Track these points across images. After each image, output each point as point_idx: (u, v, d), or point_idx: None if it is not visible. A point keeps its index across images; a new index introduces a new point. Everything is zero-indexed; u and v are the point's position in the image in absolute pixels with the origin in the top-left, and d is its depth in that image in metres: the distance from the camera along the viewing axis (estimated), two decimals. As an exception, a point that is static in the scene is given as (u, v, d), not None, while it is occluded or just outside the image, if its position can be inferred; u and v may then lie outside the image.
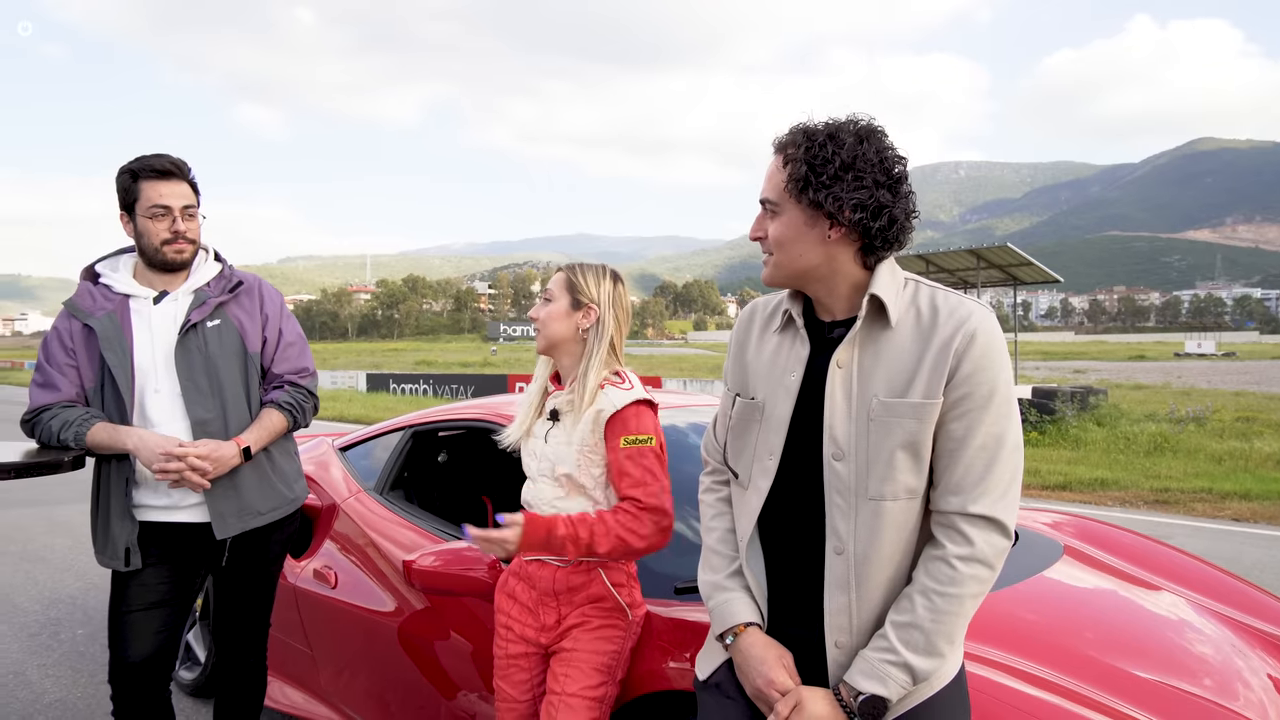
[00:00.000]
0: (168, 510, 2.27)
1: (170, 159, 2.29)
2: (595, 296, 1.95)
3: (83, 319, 2.26)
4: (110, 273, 2.35)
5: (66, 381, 2.25)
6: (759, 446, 1.48)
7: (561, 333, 1.95)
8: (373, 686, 2.78)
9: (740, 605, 1.49)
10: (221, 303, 2.35)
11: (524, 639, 1.95)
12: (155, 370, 2.26)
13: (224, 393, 2.30)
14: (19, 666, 3.93)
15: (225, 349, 2.32)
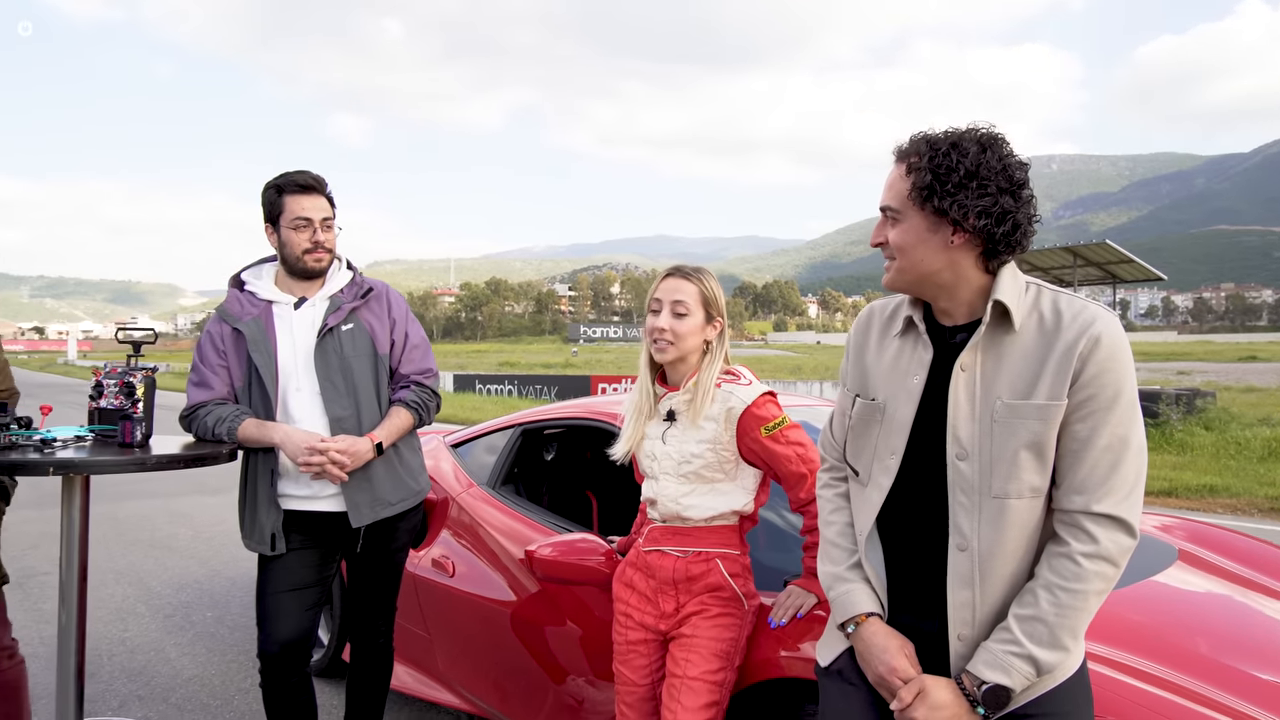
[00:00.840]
0: (308, 500, 2.45)
1: (311, 175, 2.46)
2: (722, 308, 2.03)
3: (232, 323, 2.45)
4: (254, 280, 2.55)
5: (219, 381, 2.45)
6: (880, 446, 1.54)
7: (696, 345, 2.02)
8: (487, 670, 2.93)
9: (861, 596, 1.55)
10: (354, 308, 2.52)
11: (643, 626, 2.05)
12: (296, 371, 2.44)
13: (357, 392, 2.47)
14: (158, 645, 4.25)
15: (358, 351, 2.49)
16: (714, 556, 2.00)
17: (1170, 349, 74.42)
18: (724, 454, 1.98)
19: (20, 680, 2.60)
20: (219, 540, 6.64)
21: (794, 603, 1.97)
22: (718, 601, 1.98)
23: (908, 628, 1.51)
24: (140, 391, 2.29)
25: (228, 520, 7.40)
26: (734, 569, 2.00)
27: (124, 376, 2.30)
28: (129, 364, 2.33)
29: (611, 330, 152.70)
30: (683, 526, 2.02)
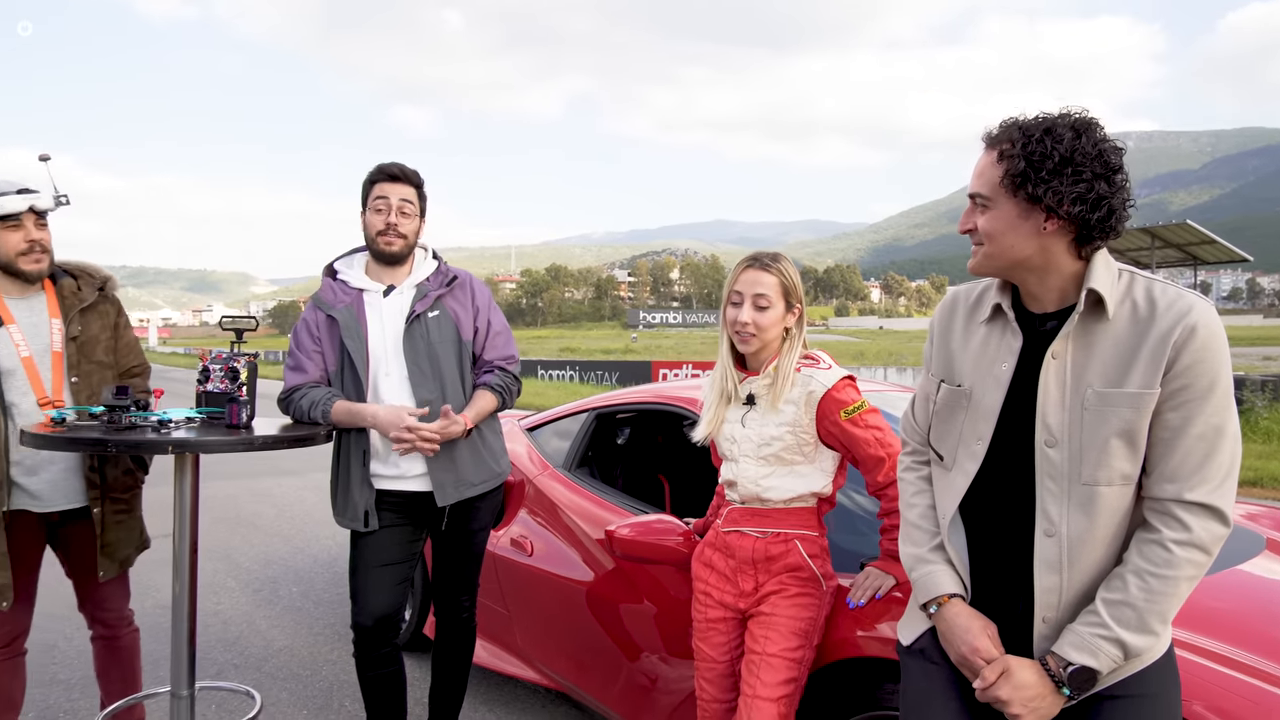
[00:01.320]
0: (397, 480, 2.56)
1: (402, 166, 2.58)
2: (800, 295, 2.07)
3: (326, 310, 2.57)
4: (346, 269, 2.66)
5: (313, 365, 2.57)
6: (966, 431, 1.55)
7: (777, 334, 2.06)
8: (564, 646, 3.03)
9: (944, 577, 1.57)
10: (440, 296, 2.61)
11: (722, 604, 2.10)
12: (386, 356, 2.54)
13: (443, 376, 2.56)
14: (249, 617, 4.47)
15: (444, 337, 2.58)
16: (793, 538, 2.04)
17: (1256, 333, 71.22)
18: (803, 437, 2.02)
19: (135, 646, 2.79)
20: (299, 519, 6.92)
21: (872, 584, 2.00)
22: (796, 581, 2.02)
23: (990, 610, 1.53)
24: (244, 376, 2.42)
25: (307, 500, 7.70)
26: (812, 550, 2.05)
27: (229, 362, 2.43)
28: (232, 351, 2.47)
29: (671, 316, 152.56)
30: (761, 508, 2.07)
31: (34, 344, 2.48)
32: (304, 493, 8.05)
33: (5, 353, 2.45)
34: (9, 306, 2.49)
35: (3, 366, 2.44)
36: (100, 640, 2.74)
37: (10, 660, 2.56)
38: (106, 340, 2.61)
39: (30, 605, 2.60)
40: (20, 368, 2.45)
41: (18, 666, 2.60)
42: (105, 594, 2.67)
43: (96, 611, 2.70)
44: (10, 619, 2.52)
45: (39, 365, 2.47)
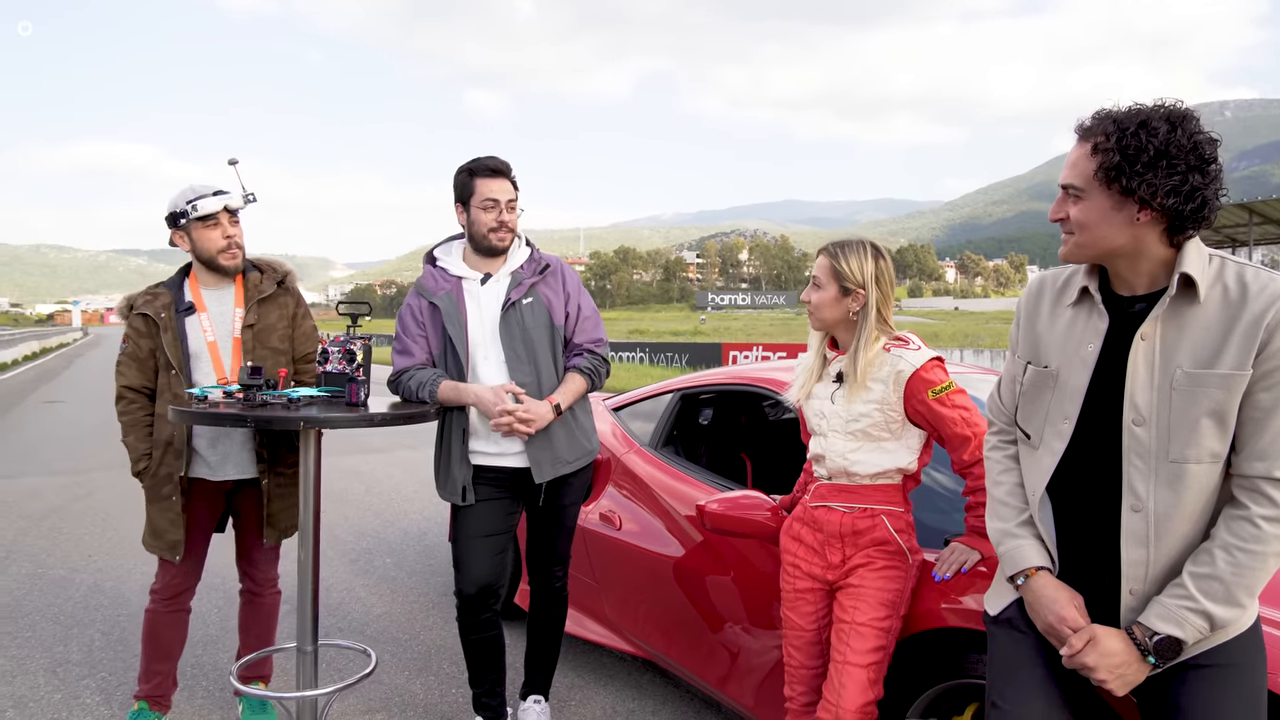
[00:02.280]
0: (497, 456, 2.71)
1: (499, 160, 2.71)
2: (861, 279, 2.13)
3: (428, 297, 2.73)
4: (445, 257, 2.82)
5: (419, 349, 2.74)
6: (1053, 411, 1.62)
7: (834, 316, 2.17)
8: (651, 616, 3.16)
9: (1031, 550, 1.64)
10: (534, 283, 2.75)
11: (810, 576, 2.20)
12: (484, 341, 2.70)
13: (537, 360, 2.70)
14: (349, 585, 4.74)
15: (537, 322, 2.72)
16: (879, 513, 2.12)
17: (1362, 313, 66.66)
18: (891, 414, 2.11)
19: (275, 606, 3.06)
20: (387, 494, 7.23)
21: (958, 558, 2.08)
22: (883, 554, 2.11)
23: (1077, 582, 1.60)
24: (360, 358, 2.60)
25: (394, 476, 8.03)
26: (898, 525, 2.13)
27: (345, 345, 2.62)
28: (349, 334, 2.66)
29: (739, 297, 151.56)
30: (849, 484, 2.15)
31: (219, 330, 2.76)
32: (390, 469, 8.39)
33: (195, 337, 2.74)
34: (203, 296, 2.78)
35: (192, 349, 2.73)
36: (246, 595, 3.01)
37: (174, 614, 2.85)
38: (283, 329, 2.86)
39: (198, 566, 2.89)
40: (206, 351, 2.74)
41: (180, 621, 2.88)
42: (259, 557, 2.95)
43: (249, 569, 2.98)
44: (179, 576, 2.81)
45: (221, 349, 2.75)
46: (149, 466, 2.76)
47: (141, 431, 2.77)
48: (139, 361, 2.76)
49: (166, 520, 2.74)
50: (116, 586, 4.63)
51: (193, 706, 3.19)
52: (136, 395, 2.78)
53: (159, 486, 2.74)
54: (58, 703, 3.22)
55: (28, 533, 5.82)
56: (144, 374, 2.77)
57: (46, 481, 7.71)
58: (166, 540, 2.75)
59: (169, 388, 2.72)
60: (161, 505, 2.74)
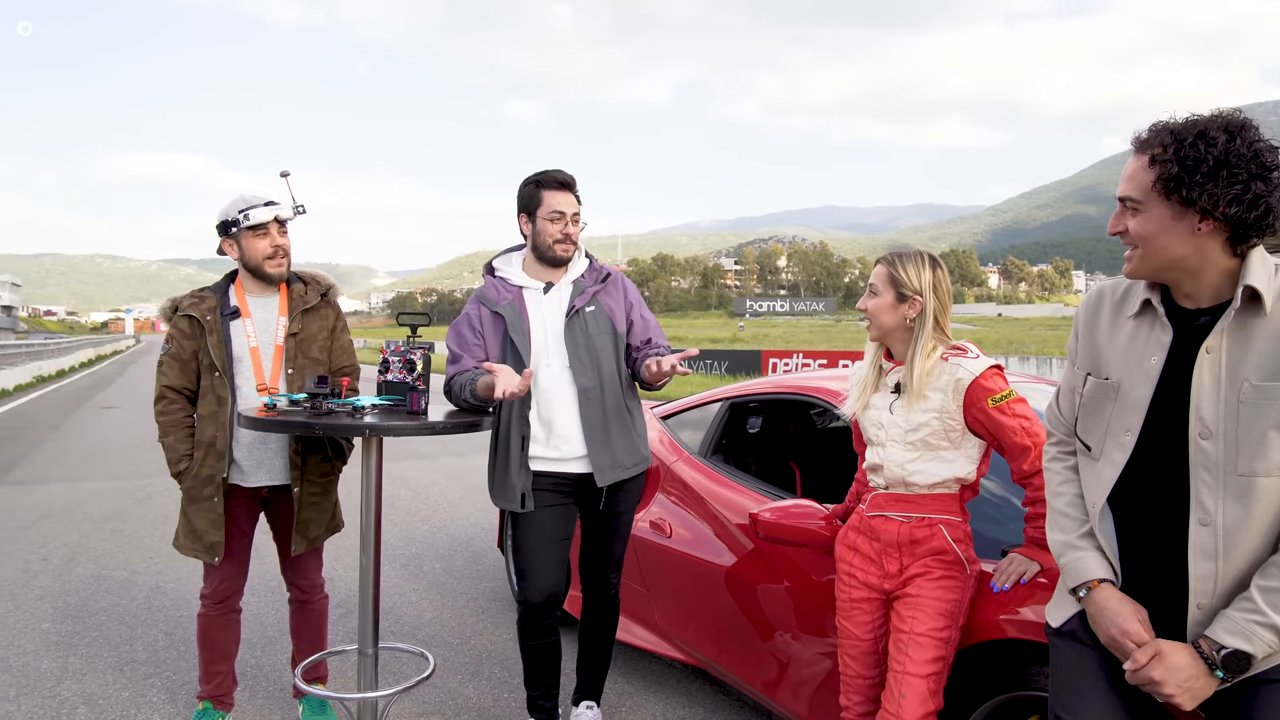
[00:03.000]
0: (557, 462, 2.74)
1: (566, 174, 2.77)
2: (918, 287, 2.15)
3: (491, 307, 2.78)
4: (505, 267, 2.87)
5: (470, 359, 2.77)
6: (1114, 423, 1.61)
7: (890, 324, 2.19)
8: (701, 623, 3.18)
9: (1093, 562, 1.64)
10: (596, 292, 2.80)
11: (866, 585, 2.21)
12: (548, 348, 2.74)
13: (600, 365, 2.74)
14: (400, 589, 4.83)
15: (600, 330, 2.77)
16: (937, 522, 2.13)
17: None
18: (950, 423, 2.11)
19: (324, 610, 3.12)
20: (434, 500, 7.34)
21: (1016, 569, 2.07)
22: (941, 564, 2.11)
23: (1141, 595, 1.59)
24: (420, 367, 2.66)
25: (440, 483, 8.14)
26: (956, 534, 2.13)
27: (406, 354, 2.68)
28: (408, 343, 2.72)
29: (778, 304, 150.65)
30: (906, 493, 2.16)
31: (262, 336, 2.84)
32: (436, 476, 8.51)
33: (238, 341, 2.82)
34: (249, 302, 2.86)
35: (235, 353, 2.81)
36: (295, 603, 3.08)
37: (226, 615, 2.93)
38: (323, 340, 2.93)
39: (243, 569, 2.96)
40: (248, 355, 2.81)
41: (232, 622, 2.96)
42: (300, 563, 3.01)
43: (293, 577, 3.04)
44: (226, 579, 2.88)
45: (263, 355, 2.83)
46: (189, 467, 2.80)
47: (181, 432, 2.82)
48: (181, 362, 2.82)
49: (207, 521, 2.78)
50: (177, 588, 4.76)
51: (254, 706, 3.28)
52: (177, 396, 2.84)
53: (200, 487, 2.79)
54: (125, 700, 3.33)
55: (91, 535, 6.01)
56: (185, 375, 2.83)
57: (106, 485, 7.96)
58: (206, 542, 2.79)
59: (212, 389, 2.79)
60: (203, 506, 2.78)
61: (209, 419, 2.78)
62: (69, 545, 5.71)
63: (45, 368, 26.27)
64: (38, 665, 3.66)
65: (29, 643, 3.93)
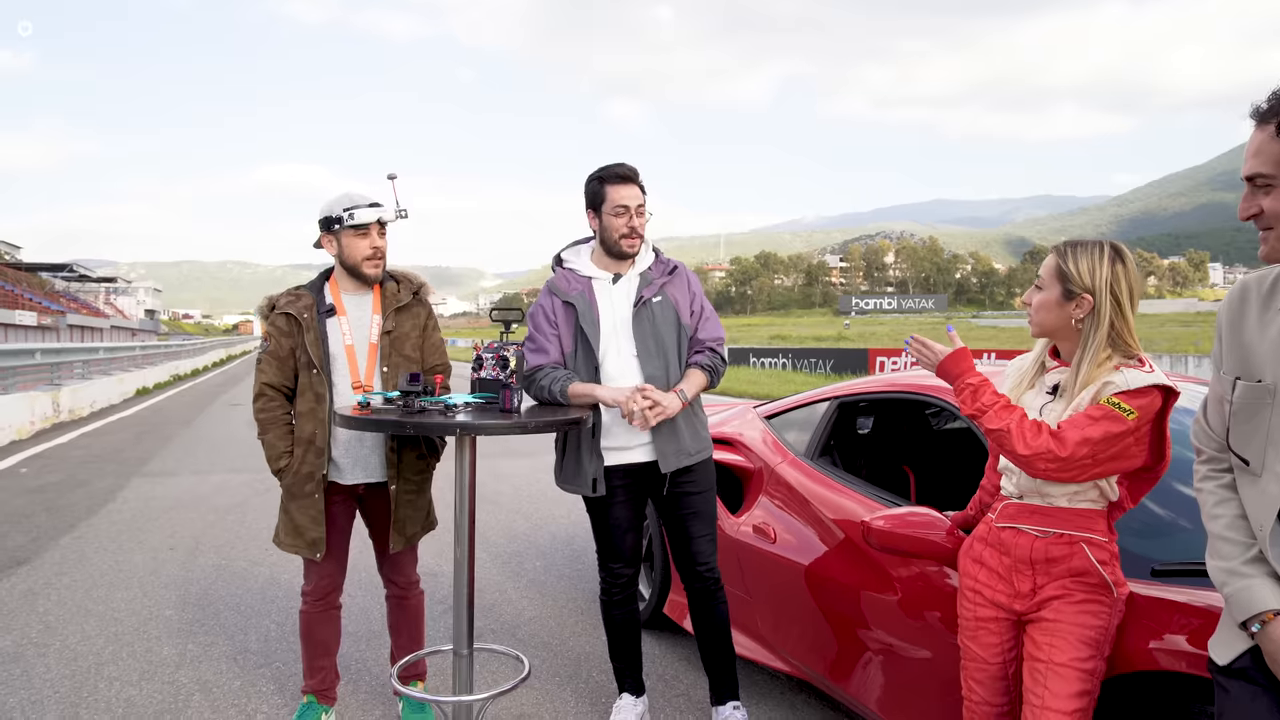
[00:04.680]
0: (623, 451, 2.80)
1: (628, 167, 2.77)
2: (1090, 284, 1.88)
3: (562, 297, 2.82)
4: (574, 259, 2.91)
5: (552, 347, 2.80)
6: (1275, 431, 1.39)
7: (1053, 322, 1.94)
8: (807, 634, 3.01)
9: (1266, 591, 1.41)
10: (663, 284, 2.84)
11: (994, 604, 2.00)
12: (616, 336, 2.78)
13: (666, 354, 2.79)
14: (501, 587, 4.83)
15: (666, 320, 2.81)
16: (1079, 540, 1.90)
17: None
18: None
19: (420, 606, 3.11)
20: (535, 498, 7.37)
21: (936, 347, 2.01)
22: (1082, 587, 1.88)
23: None
24: (514, 364, 2.61)
25: (540, 480, 8.17)
26: (1101, 555, 1.89)
27: (499, 351, 2.63)
28: (502, 340, 2.68)
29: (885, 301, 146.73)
30: (1042, 505, 1.94)
31: (356, 334, 2.85)
32: (537, 474, 8.55)
33: (334, 339, 2.84)
34: (344, 300, 2.88)
35: (332, 351, 2.83)
36: (392, 599, 3.08)
37: (327, 612, 2.95)
38: (415, 338, 2.93)
39: (342, 566, 2.98)
40: (343, 353, 2.83)
41: (333, 618, 2.98)
42: (397, 560, 3.01)
43: (390, 574, 3.04)
44: (326, 576, 2.90)
45: (357, 353, 2.84)
46: (290, 464, 2.82)
47: (281, 429, 2.84)
48: (279, 360, 2.84)
49: (308, 517, 2.80)
50: (291, 580, 4.90)
51: (357, 700, 3.30)
52: (275, 393, 2.86)
53: (301, 484, 2.80)
54: (237, 690, 3.42)
55: (215, 525, 6.29)
56: (283, 372, 2.85)
57: (231, 478, 8.34)
58: (308, 538, 2.81)
59: (310, 387, 2.80)
60: (304, 502, 2.80)
61: (307, 415, 2.80)
62: (194, 535, 5.99)
63: (181, 367, 28.09)
64: (159, 651, 3.81)
65: (153, 629, 4.10)
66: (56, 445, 10.60)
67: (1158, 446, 1.89)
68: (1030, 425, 1.84)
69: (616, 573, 2.95)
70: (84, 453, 10.06)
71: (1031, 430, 1.82)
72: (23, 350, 11.80)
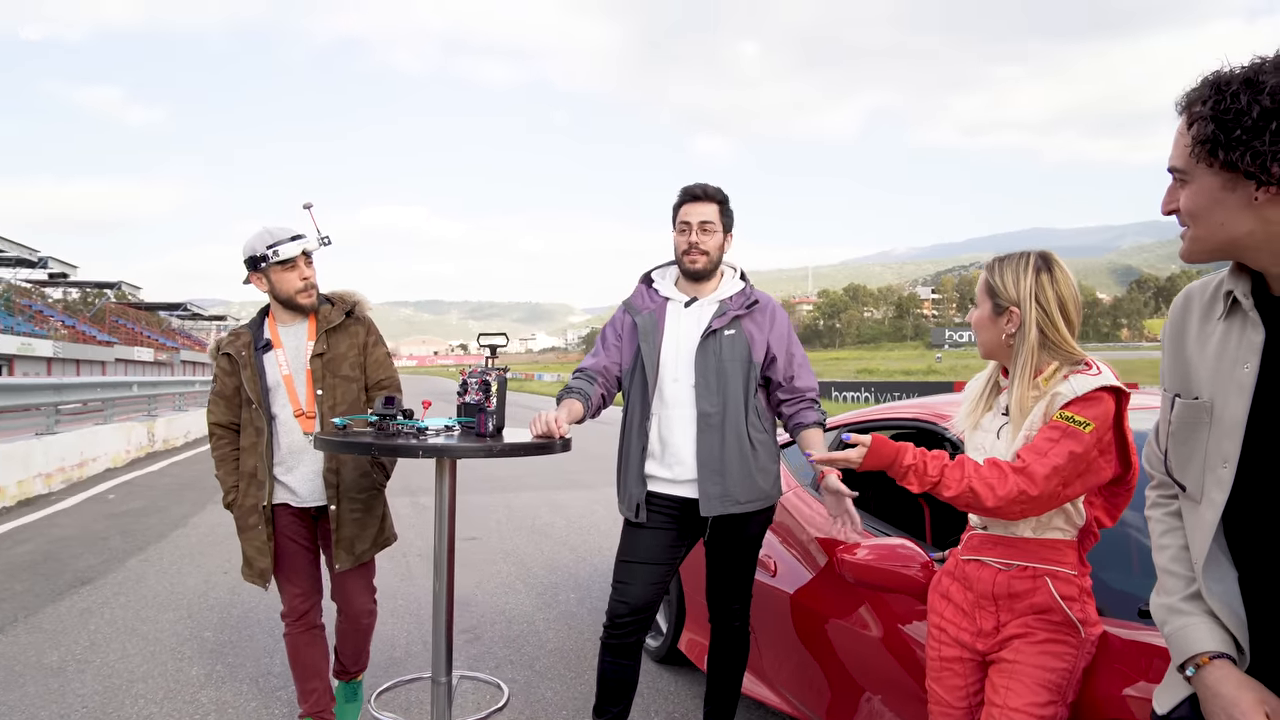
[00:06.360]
0: (669, 484, 2.67)
1: (702, 186, 2.72)
2: (1015, 296, 1.80)
3: (633, 314, 2.78)
4: (660, 279, 2.86)
5: (605, 356, 2.79)
6: (1211, 453, 1.26)
7: (990, 340, 1.88)
8: (803, 673, 2.88)
9: (1202, 631, 1.27)
10: (738, 316, 2.68)
11: (958, 642, 1.87)
12: (677, 364, 2.67)
13: (727, 391, 2.62)
14: (530, 618, 4.81)
15: (735, 356, 2.64)
16: (1042, 574, 1.76)
17: None
18: None
19: (369, 630, 3.14)
20: (586, 530, 7.34)
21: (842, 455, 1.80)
22: (1045, 625, 1.74)
23: (1273, 676, 1.20)
24: (494, 389, 2.61)
25: (596, 512, 8.15)
26: (1067, 590, 1.75)
27: (482, 376, 2.64)
28: (486, 365, 2.68)
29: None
30: (1006, 535, 1.82)
31: (294, 363, 2.91)
32: (594, 505, 8.54)
33: (271, 372, 2.90)
34: (280, 333, 2.94)
35: (269, 383, 2.89)
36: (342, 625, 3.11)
37: (309, 632, 2.99)
38: (354, 357, 2.97)
39: (314, 586, 3.01)
40: (282, 384, 2.89)
41: (316, 638, 3.01)
42: (345, 587, 3.00)
43: (340, 602, 3.05)
44: (297, 597, 2.95)
45: (295, 381, 2.89)
46: (236, 498, 2.91)
47: (230, 465, 2.94)
48: (225, 399, 2.93)
49: (254, 549, 2.88)
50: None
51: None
52: (224, 431, 2.95)
53: (245, 516, 2.89)
54: (251, 711, 3.48)
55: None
56: (230, 410, 2.94)
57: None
58: (256, 568, 2.89)
59: (251, 421, 2.88)
60: (249, 534, 2.89)
61: (249, 450, 2.88)
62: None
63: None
64: (188, 671, 3.93)
65: (189, 649, 4.23)
66: (146, 473, 11.18)
67: (1124, 453, 1.75)
68: (989, 473, 1.71)
69: (614, 607, 2.71)
70: (170, 480, 10.57)
71: (995, 478, 1.70)
72: (121, 383, 12.55)
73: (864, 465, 1.75)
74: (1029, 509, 1.70)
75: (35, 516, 7.89)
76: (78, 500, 8.88)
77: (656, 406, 2.68)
